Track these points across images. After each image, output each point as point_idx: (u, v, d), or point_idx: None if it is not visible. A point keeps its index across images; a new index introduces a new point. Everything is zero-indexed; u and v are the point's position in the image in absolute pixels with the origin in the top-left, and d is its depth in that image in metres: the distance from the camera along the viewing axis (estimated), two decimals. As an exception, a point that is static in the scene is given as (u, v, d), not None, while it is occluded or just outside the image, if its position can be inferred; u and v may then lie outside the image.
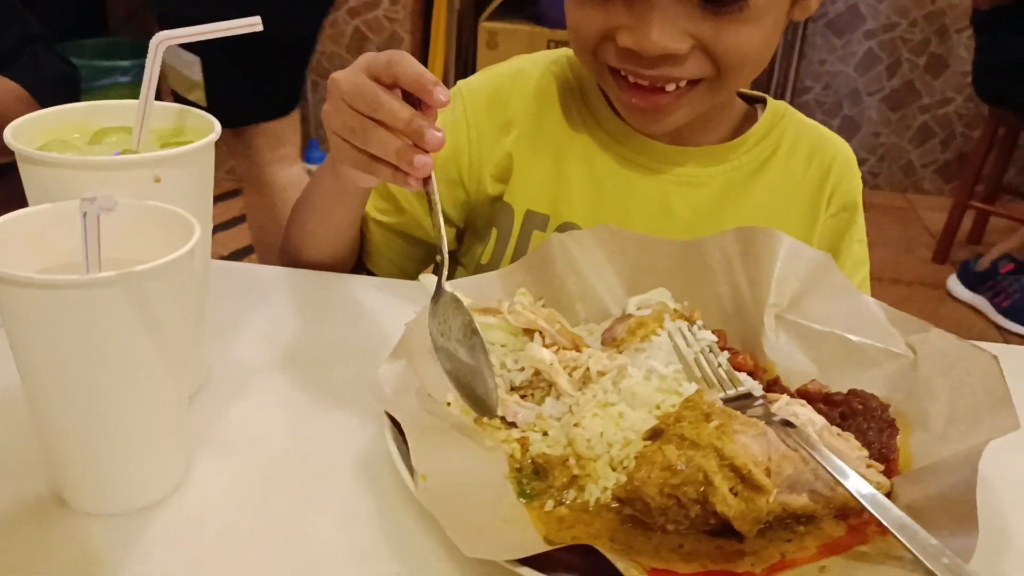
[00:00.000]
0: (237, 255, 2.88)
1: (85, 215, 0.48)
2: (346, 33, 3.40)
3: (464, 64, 3.43)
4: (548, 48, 3.18)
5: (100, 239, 0.50)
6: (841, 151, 0.95)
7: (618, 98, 0.84)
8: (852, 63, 3.55)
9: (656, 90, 0.80)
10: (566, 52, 0.95)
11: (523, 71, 0.95)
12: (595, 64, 0.83)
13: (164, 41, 0.60)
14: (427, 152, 0.62)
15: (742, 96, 0.95)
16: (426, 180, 0.63)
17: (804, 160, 0.93)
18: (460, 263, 1.00)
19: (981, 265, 2.86)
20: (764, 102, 0.95)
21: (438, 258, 0.66)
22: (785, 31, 0.86)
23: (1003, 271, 2.79)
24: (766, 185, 0.92)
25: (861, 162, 3.63)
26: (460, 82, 0.95)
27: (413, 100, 0.64)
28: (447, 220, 0.95)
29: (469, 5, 3.41)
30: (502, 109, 0.92)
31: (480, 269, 0.95)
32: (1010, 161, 3.21)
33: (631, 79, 0.81)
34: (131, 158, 0.59)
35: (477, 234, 0.96)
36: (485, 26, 3.23)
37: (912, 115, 3.60)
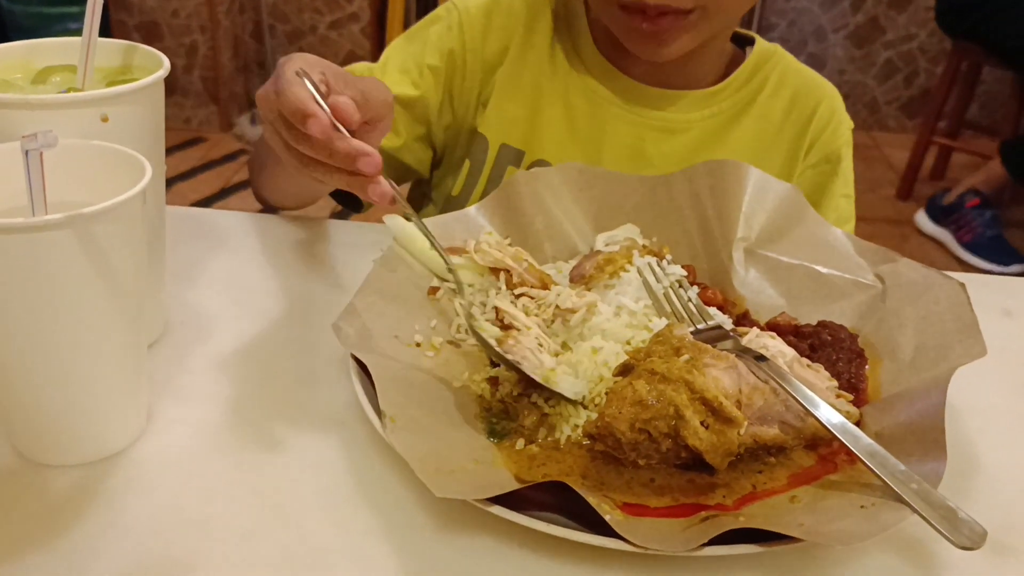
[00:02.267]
0: (199, 204, 2.83)
1: (27, 154, 0.46)
2: (303, -25, 3.31)
3: (425, 6, 3.36)
4: None
5: (45, 180, 0.48)
6: (828, 99, 0.91)
7: (624, 28, 0.82)
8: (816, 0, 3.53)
9: (660, 15, 0.78)
10: None
11: (517, 0, 0.91)
12: (600, 2, 0.82)
13: (104, -31, 0.57)
14: (377, 178, 0.57)
15: (734, 38, 0.93)
16: (393, 200, 0.59)
17: (786, 105, 0.90)
18: (430, 197, 0.98)
19: (948, 199, 2.88)
20: (754, 43, 0.92)
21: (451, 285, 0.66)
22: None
23: (968, 205, 2.81)
24: (744, 132, 0.90)
25: (826, 100, 3.63)
26: (456, 0, 0.92)
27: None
28: (429, 142, 0.93)
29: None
30: (496, 38, 0.90)
31: (450, 201, 0.93)
32: (972, 96, 3.22)
33: (639, 6, 0.78)
34: (76, 96, 0.56)
35: (450, 165, 0.95)
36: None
37: (876, 52, 3.59)
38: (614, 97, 0.89)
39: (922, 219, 2.93)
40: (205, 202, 2.87)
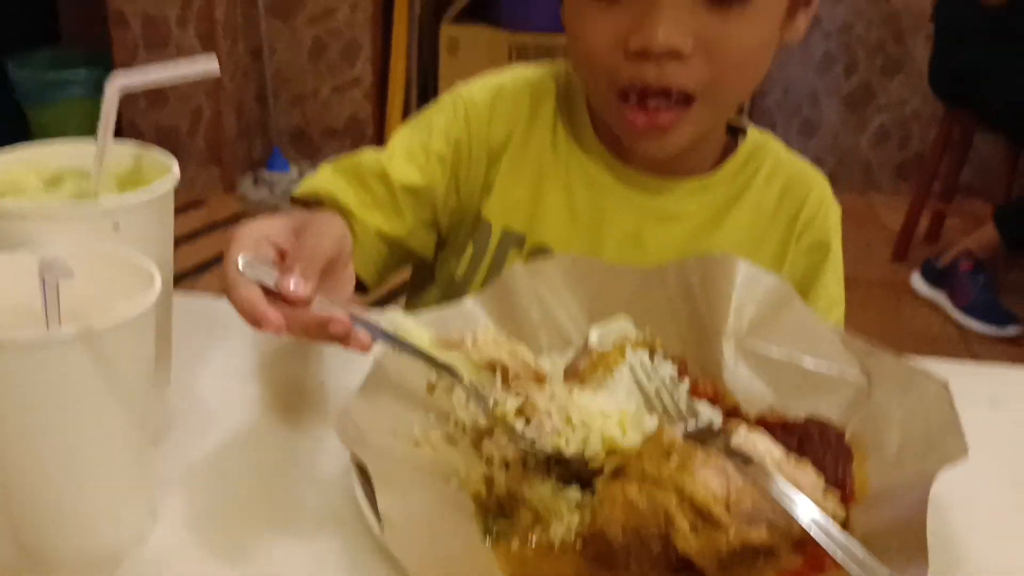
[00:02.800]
0: (200, 268, 2.85)
1: (44, 281, 0.48)
2: (305, 42, 3.39)
3: (425, 70, 3.43)
4: (509, 53, 3.19)
5: (59, 299, 0.50)
6: (817, 188, 0.94)
7: (622, 120, 0.83)
8: (810, 65, 3.60)
9: (658, 110, 0.80)
10: (564, 66, 0.96)
11: (521, 86, 0.95)
12: (600, 84, 0.83)
13: (120, 86, 0.60)
14: (353, 332, 0.59)
15: (727, 127, 0.95)
16: (375, 338, 0.61)
17: (778, 194, 0.93)
18: (433, 278, 1.00)
19: (942, 263, 2.91)
20: (746, 131, 0.95)
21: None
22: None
23: (962, 268, 2.84)
24: (738, 220, 0.92)
25: (820, 163, 3.67)
26: (462, 88, 0.95)
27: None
28: (434, 227, 0.95)
29: (429, 10, 3.40)
30: (500, 126, 0.93)
31: (453, 284, 0.95)
32: (965, 161, 3.27)
33: (634, 100, 0.80)
34: (89, 207, 0.59)
35: (454, 248, 0.97)
36: (446, 30, 3.23)
37: (870, 116, 3.66)
38: (613, 184, 0.92)
39: (917, 282, 2.96)
40: (206, 265, 2.89)
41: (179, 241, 2.55)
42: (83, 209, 0.59)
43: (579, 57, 0.84)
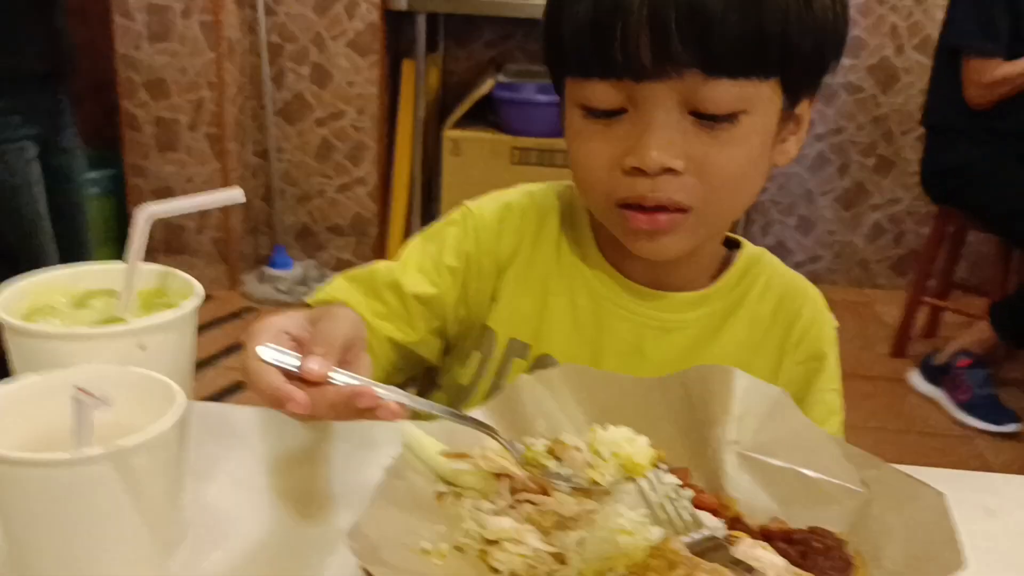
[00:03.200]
0: (204, 362, 2.86)
1: (79, 403, 0.51)
2: (312, 142, 3.48)
3: (429, 171, 3.52)
4: (511, 155, 3.28)
5: (92, 428, 0.52)
6: (810, 302, 0.98)
7: (623, 228, 0.87)
8: (804, 164, 3.69)
9: (657, 212, 0.84)
10: (567, 184, 1.00)
11: (527, 204, 0.99)
12: (600, 199, 0.87)
13: (152, 215, 0.63)
14: (381, 403, 0.62)
15: (724, 240, 0.99)
16: (403, 408, 0.63)
17: (773, 308, 0.97)
18: (438, 384, 1.02)
19: (939, 360, 2.93)
20: (741, 246, 0.99)
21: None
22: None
23: (960, 365, 2.86)
24: (735, 331, 0.95)
25: (817, 259, 3.77)
26: (470, 205, 0.99)
27: None
28: (443, 335, 0.98)
29: (433, 114, 3.51)
30: (508, 241, 0.97)
31: (460, 391, 0.98)
32: (959, 257, 3.33)
33: (635, 204, 0.84)
34: (117, 329, 0.62)
35: (460, 355, 0.99)
36: (449, 134, 3.32)
37: (864, 213, 3.73)
38: (614, 296, 0.95)
39: (916, 379, 2.97)
40: (212, 359, 2.90)
41: (203, 364, 2.52)
42: (111, 330, 0.62)
43: (579, 174, 0.89)
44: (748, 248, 0.99)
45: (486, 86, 3.29)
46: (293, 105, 3.44)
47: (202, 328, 2.61)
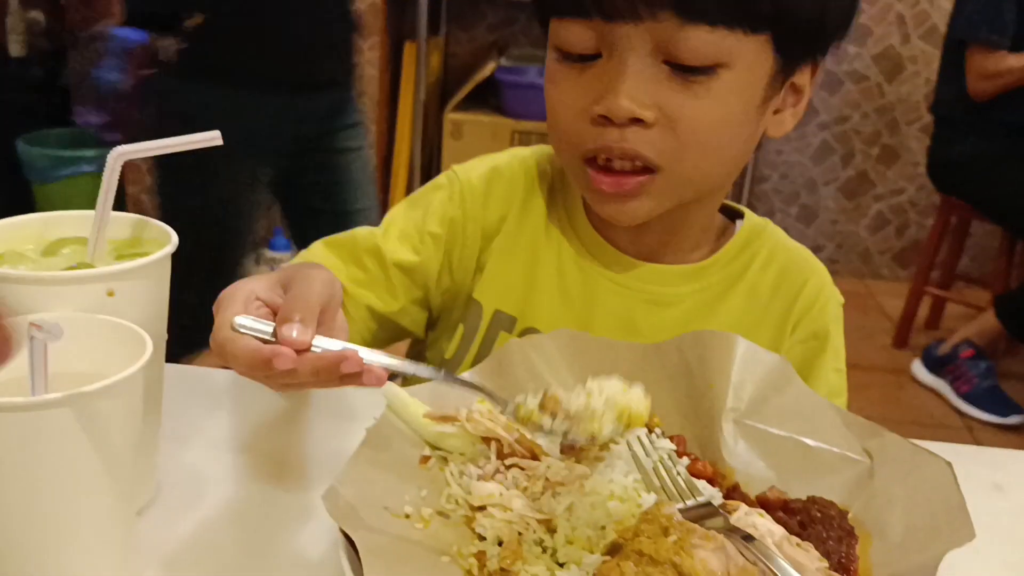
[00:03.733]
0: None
1: (32, 340, 0.48)
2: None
3: (429, 154, 3.48)
4: (512, 138, 3.25)
5: (47, 362, 0.50)
6: (815, 277, 0.92)
7: (588, 184, 0.82)
8: (808, 153, 3.65)
9: (623, 173, 0.79)
10: None
11: (516, 168, 0.95)
12: (568, 150, 0.83)
13: (122, 155, 0.60)
14: (367, 368, 0.58)
15: (725, 210, 0.95)
16: (388, 375, 0.60)
17: (773, 281, 0.91)
18: (424, 358, 0.99)
19: (942, 350, 2.90)
20: (744, 217, 0.94)
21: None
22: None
23: (963, 356, 2.83)
24: (733, 306, 0.90)
25: (819, 249, 3.73)
26: (457, 169, 0.95)
27: None
28: (426, 305, 0.94)
29: (434, 97, 3.48)
30: (495, 207, 0.93)
31: (444, 364, 0.94)
32: (963, 249, 3.29)
33: (601, 161, 0.80)
34: (83, 273, 0.59)
35: (445, 328, 0.96)
36: (450, 117, 3.29)
37: (867, 203, 3.69)
38: (604, 269, 0.90)
39: (918, 369, 2.95)
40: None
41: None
42: (78, 275, 0.59)
43: (550, 122, 0.84)
44: (750, 219, 0.94)
45: (488, 69, 3.26)
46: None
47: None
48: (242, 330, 0.58)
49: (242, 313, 0.59)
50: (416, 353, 1.02)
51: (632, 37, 0.74)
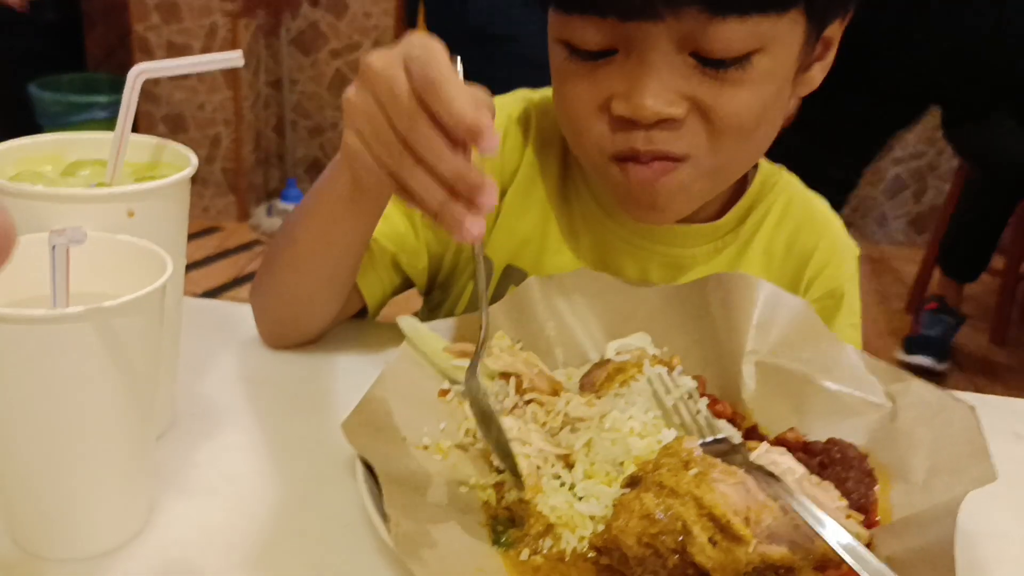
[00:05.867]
0: (211, 293, 2.85)
1: (54, 248, 0.47)
2: (327, 74, 3.42)
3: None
4: (528, 93, 3.21)
5: (69, 273, 0.49)
6: (829, 234, 0.88)
7: (619, 186, 0.76)
8: (826, 115, 3.61)
9: (654, 168, 0.73)
10: None
11: (530, 115, 0.89)
12: (592, 154, 0.76)
13: (142, 73, 0.59)
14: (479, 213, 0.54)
15: None
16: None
17: (788, 238, 0.88)
18: (434, 315, 0.94)
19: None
20: (756, 166, 0.89)
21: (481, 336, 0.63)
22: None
23: (927, 308, 2.86)
24: (749, 266, 0.87)
25: (835, 211, 3.68)
26: None
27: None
28: (439, 260, 0.89)
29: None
30: (510, 158, 0.88)
31: None
32: (981, 214, 3.25)
33: (628, 157, 0.73)
34: (103, 191, 0.58)
35: (453, 288, 0.91)
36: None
37: (885, 167, 3.65)
38: (619, 229, 0.86)
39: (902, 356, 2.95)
40: (217, 291, 2.89)
41: (192, 266, 2.56)
42: (98, 193, 0.58)
43: (563, 120, 0.78)
44: (763, 168, 0.89)
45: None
46: (308, 35, 3.37)
47: (210, 259, 2.62)
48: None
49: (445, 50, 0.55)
50: (425, 316, 0.96)
51: (652, 34, 0.67)
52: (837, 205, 0.92)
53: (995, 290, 3.08)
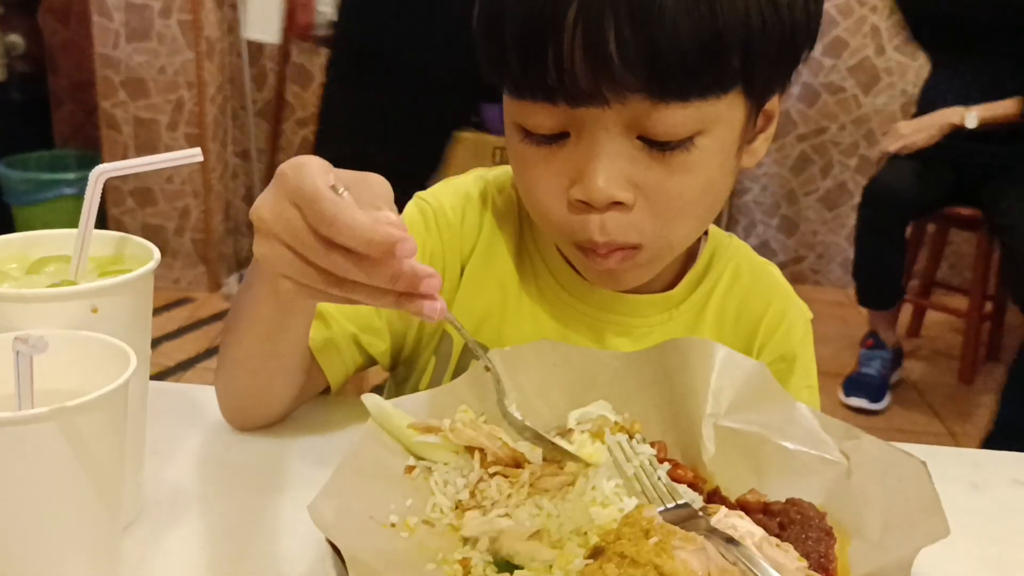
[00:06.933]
0: (184, 365, 2.84)
1: (18, 354, 0.48)
2: (294, 143, 3.46)
3: (411, 171, 3.49)
4: (493, 155, 3.25)
5: (33, 375, 0.50)
6: (777, 301, 0.91)
7: (581, 263, 0.82)
8: (787, 165, 3.69)
9: (611, 252, 0.77)
10: None
11: (485, 193, 0.91)
12: (556, 235, 0.80)
13: (103, 174, 0.61)
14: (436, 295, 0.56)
15: None
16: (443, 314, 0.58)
17: (737, 308, 0.90)
18: (400, 389, 0.95)
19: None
20: (706, 234, 0.92)
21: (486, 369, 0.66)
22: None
23: (864, 346, 2.92)
24: (700, 335, 0.88)
25: (800, 260, 3.76)
26: (425, 196, 0.90)
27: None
28: (402, 338, 0.90)
29: (416, 114, 3.49)
30: (469, 236, 0.90)
31: None
32: (942, 256, 3.33)
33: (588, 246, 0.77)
34: (66, 290, 0.59)
35: (418, 365, 0.92)
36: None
37: (846, 214, 3.73)
38: (575, 301, 0.89)
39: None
40: (189, 362, 2.88)
41: (164, 338, 2.58)
42: (61, 292, 0.59)
43: (527, 201, 0.81)
44: (713, 235, 0.92)
45: (468, 86, 3.27)
46: (274, 106, 3.41)
47: (182, 331, 2.62)
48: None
49: (320, 173, 0.55)
50: (392, 391, 0.97)
51: (602, 118, 0.70)
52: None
53: (960, 330, 3.13)
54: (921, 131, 2.72)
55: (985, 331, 3.15)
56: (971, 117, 2.63)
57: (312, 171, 0.55)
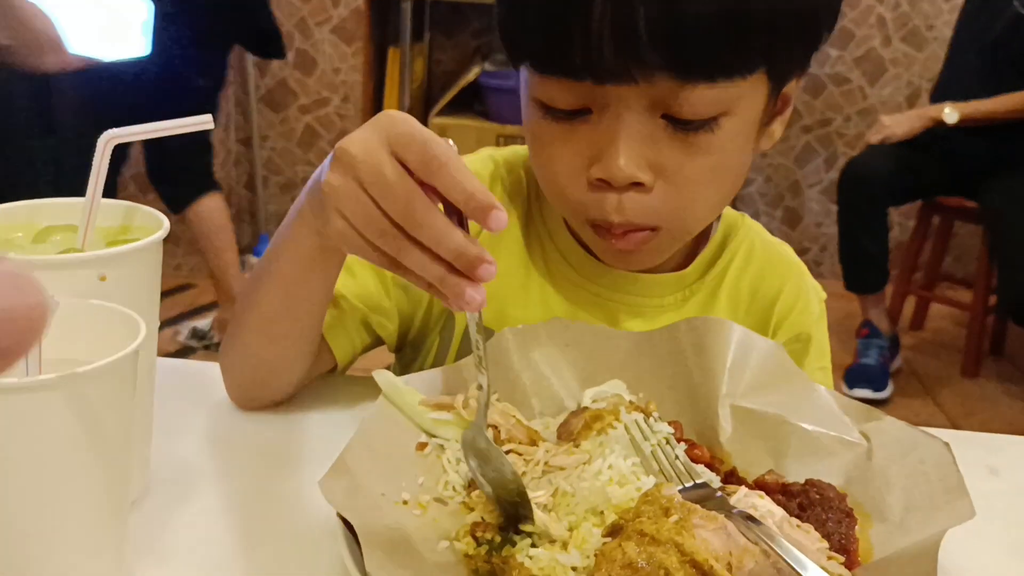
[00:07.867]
0: (184, 352, 2.83)
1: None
2: (297, 129, 3.44)
3: (414, 159, 3.48)
4: (497, 143, 3.25)
5: (41, 341, 0.49)
6: (793, 279, 0.90)
7: (595, 243, 0.81)
8: (791, 156, 3.67)
9: (626, 232, 0.76)
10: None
11: (495, 173, 0.90)
12: (570, 214, 0.80)
13: (112, 139, 0.60)
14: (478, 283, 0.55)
15: None
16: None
17: (752, 283, 0.89)
18: (407, 371, 0.92)
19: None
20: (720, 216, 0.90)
21: (478, 387, 0.64)
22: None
23: (860, 336, 2.94)
24: (714, 315, 0.86)
25: (804, 252, 3.74)
26: None
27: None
28: (411, 320, 0.89)
29: (419, 102, 3.48)
30: None
31: None
32: (946, 249, 3.32)
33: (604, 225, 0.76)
34: (74, 257, 0.58)
35: (423, 340, 0.91)
36: (435, 122, 3.29)
37: (850, 207, 3.71)
38: (586, 281, 0.87)
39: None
40: (191, 348, 2.87)
41: (165, 324, 2.56)
42: (69, 259, 0.58)
43: (542, 179, 0.80)
44: (726, 215, 0.91)
45: (472, 74, 3.26)
46: (277, 92, 3.40)
47: (184, 316, 2.62)
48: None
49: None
50: (398, 372, 0.96)
51: (625, 96, 0.69)
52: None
53: (964, 323, 3.12)
54: (902, 123, 2.86)
55: (989, 324, 3.14)
56: (950, 113, 2.74)
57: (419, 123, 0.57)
